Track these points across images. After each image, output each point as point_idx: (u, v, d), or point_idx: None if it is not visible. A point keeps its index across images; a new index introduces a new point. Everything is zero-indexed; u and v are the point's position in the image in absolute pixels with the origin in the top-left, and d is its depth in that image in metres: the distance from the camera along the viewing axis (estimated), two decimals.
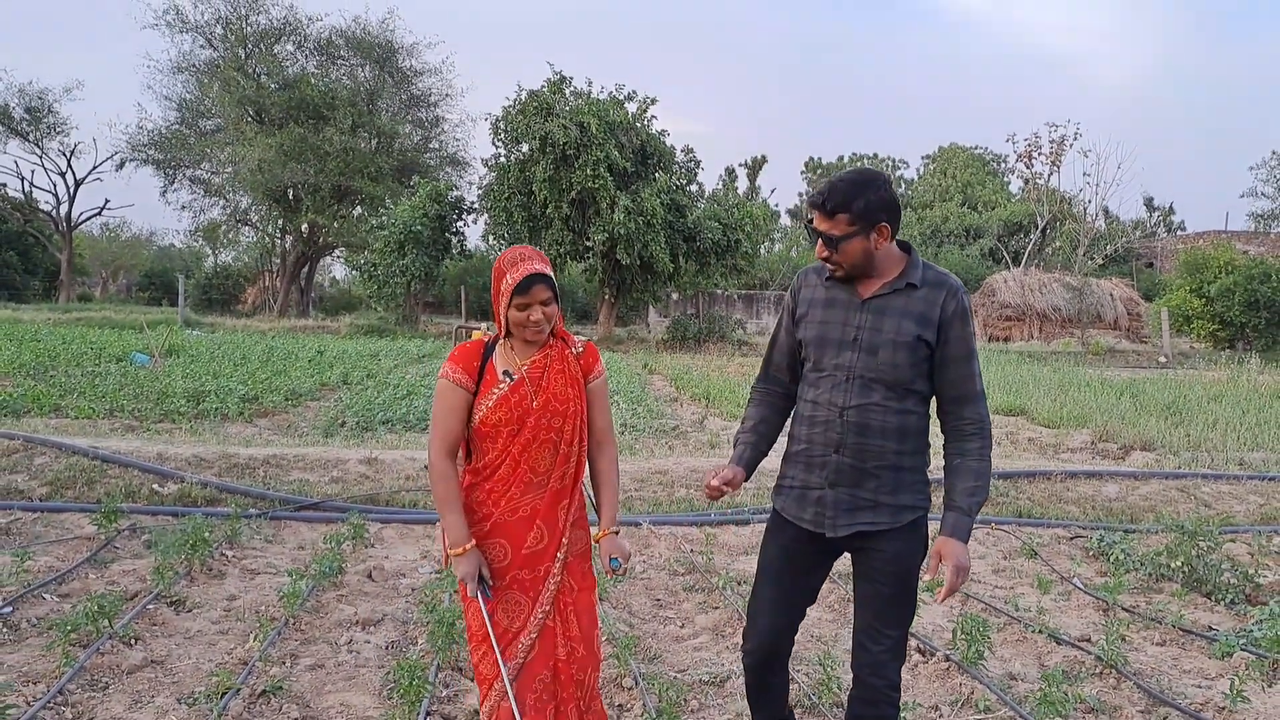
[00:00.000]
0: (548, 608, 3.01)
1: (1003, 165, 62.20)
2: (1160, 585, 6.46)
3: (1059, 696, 4.20)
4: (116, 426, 10.14)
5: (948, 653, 4.84)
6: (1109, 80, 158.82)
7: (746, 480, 3.11)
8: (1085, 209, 42.03)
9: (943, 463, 3.01)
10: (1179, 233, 57.39)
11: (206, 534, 5.93)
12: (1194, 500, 8.73)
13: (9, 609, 4.92)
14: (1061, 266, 41.60)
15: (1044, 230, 43.44)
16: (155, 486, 7.54)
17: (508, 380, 3.01)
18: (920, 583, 3.06)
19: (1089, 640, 5.25)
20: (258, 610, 5.20)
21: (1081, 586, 6.32)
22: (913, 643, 4.93)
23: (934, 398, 3.05)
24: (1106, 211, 46.35)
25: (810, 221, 2.97)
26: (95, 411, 10.91)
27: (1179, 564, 6.55)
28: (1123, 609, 5.83)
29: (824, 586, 3.92)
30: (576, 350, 3.15)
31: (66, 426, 9.88)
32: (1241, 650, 5.01)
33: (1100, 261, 41.43)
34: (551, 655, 3.01)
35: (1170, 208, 64.77)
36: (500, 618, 2.98)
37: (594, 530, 3.19)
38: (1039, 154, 42.08)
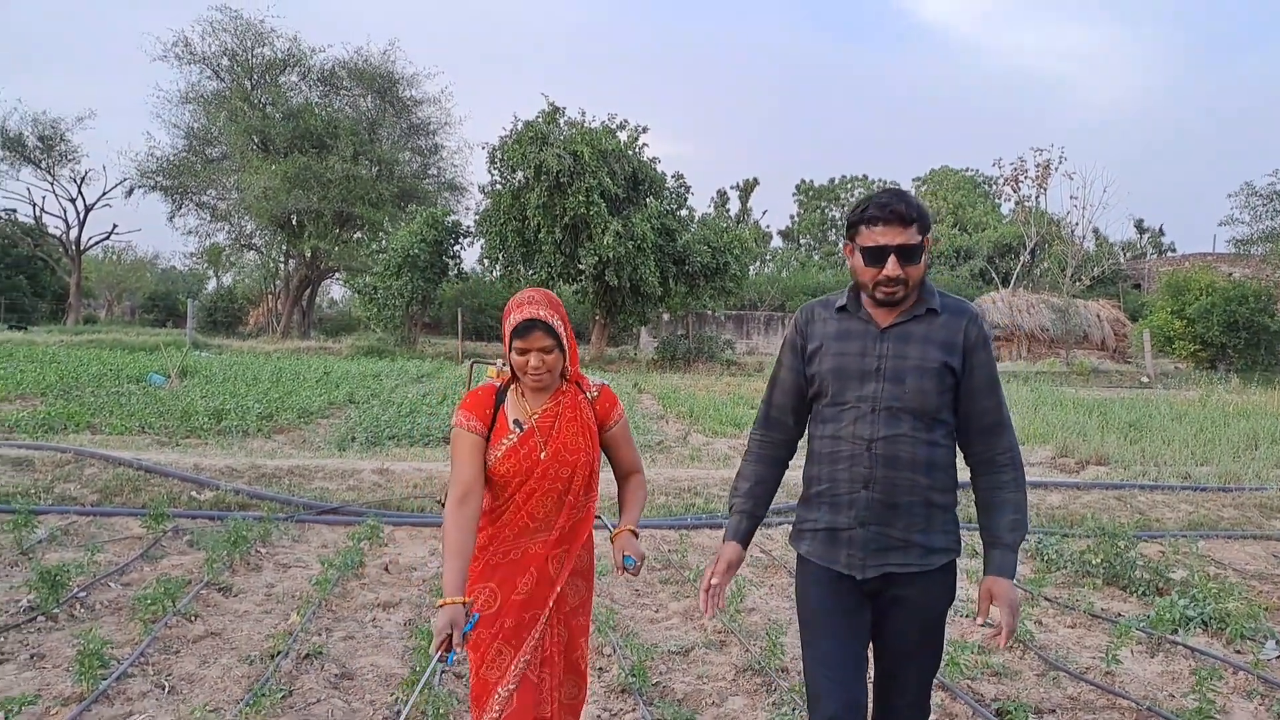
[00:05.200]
0: (529, 657, 2.92)
1: (993, 187, 63.29)
2: (1084, 580, 7.29)
3: (966, 660, 5.11)
4: (150, 441, 11.06)
5: None
6: (1103, 102, 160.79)
7: (744, 552, 3.00)
8: (1073, 231, 43.03)
9: (974, 499, 2.93)
10: (1168, 254, 58.42)
11: (245, 533, 6.84)
12: (1130, 508, 9.60)
13: (84, 593, 5.80)
14: (1050, 288, 42.55)
15: (1033, 252, 44.43)
16: (193, 493, 8.45)
17: (518, 430, 2.95)
18: (966, 628, 3.02)
19: None
20: (293, 595, 6.09)
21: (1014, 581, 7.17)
22: None
23: (959, 430, 2.90)
24: (1096, 233, 47.34)
25: (850, 241, 2.82)
26: (127, 428, 11.82)
27: (1099, 561, 7.42)
28: (1045, 598, 6.70)
29: None
30: (591, 395, 3.08)
31: (105, 441, 10.79)
32: (1137, 630, 5.87)
33: (1087, 283, 42.36)
34: (533, 710, 2.90)
35: (1160, 230, 65.90)
36: (482, 670, 2.94)
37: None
38: (1025, 178, 43.17)
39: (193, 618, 5.49)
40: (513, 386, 3.03)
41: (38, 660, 4.80)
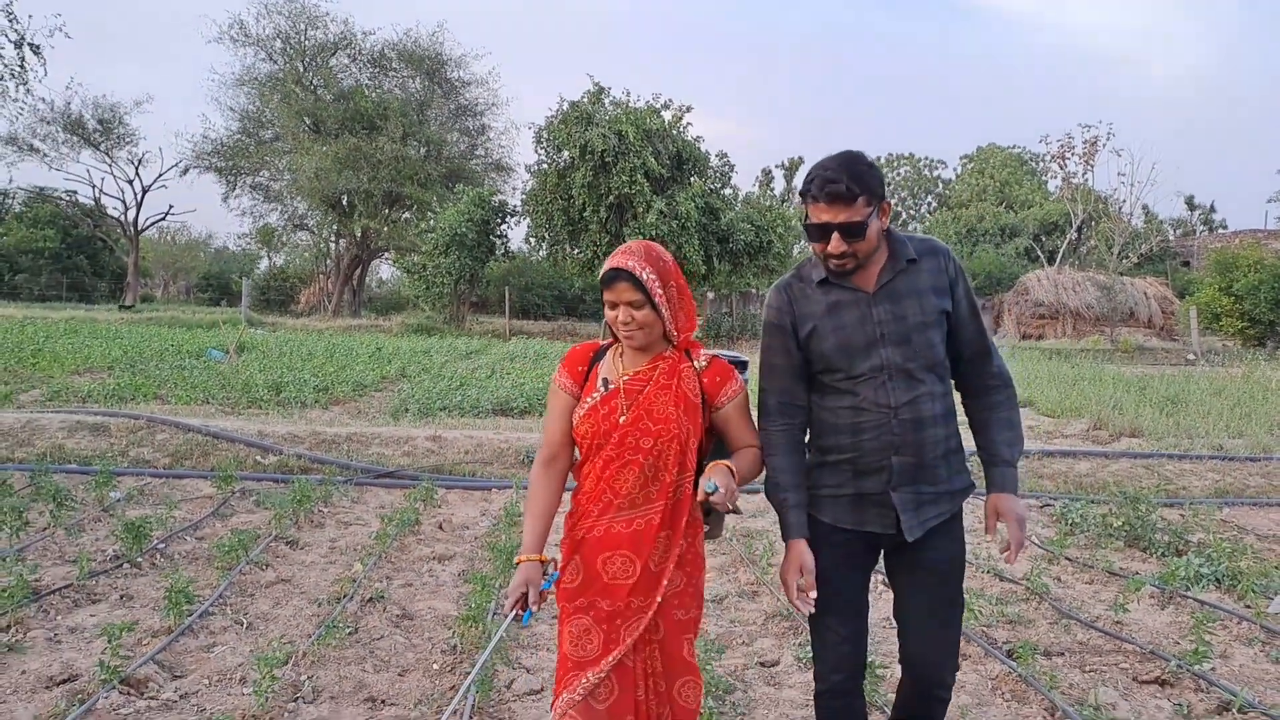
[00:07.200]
0: (628, 652, 2.71)
1: (1040, 164, 62.69)
2: (1105, 543, 7.57)
3: (983, 609, 5.46)
4: (214, 411, 11.65)
5: None
6: (1156, 78, 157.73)
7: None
8: (1120, 208, 42.61)
9: (969, 422, 2.97)
10: (1219, 231, 57.60)
11: (308, 493, 7.34)
12: (1157, 476, 9.82)
13: (163, 544, 6.31)
14: (1096, 265, 42.21)
15: (1079, 229, 44.04)
16: (258, 458, 8.99)
17: (602, 389, 2.78)
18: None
19: (1026, 578, 6.44)
20: (355, 548, 6.58)
21: (1037, 543, 7.48)
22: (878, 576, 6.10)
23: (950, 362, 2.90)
24: (1145, 210, 46.78)
25: (805, 218, 2.73)
26: (192, 399, 12.41)
27: (1120, 524, 7.70)
28: (1066, 558, 6.99)
29: None
30: (699, 365, 2.83)
31: (173, 410, 11.39)
32: (1150, 585, 6.18)
33: (1135, 260, 41.96)
34: (631, 697, 2.71)
35: (1211, 206, 64.92)
36: (568, 646, 2.74)
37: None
38: (1072, 154, 42.78)
39: (264, 566, 5.98)
40: (613, 346, 2.88)
41: (127, 600, 5.30)
